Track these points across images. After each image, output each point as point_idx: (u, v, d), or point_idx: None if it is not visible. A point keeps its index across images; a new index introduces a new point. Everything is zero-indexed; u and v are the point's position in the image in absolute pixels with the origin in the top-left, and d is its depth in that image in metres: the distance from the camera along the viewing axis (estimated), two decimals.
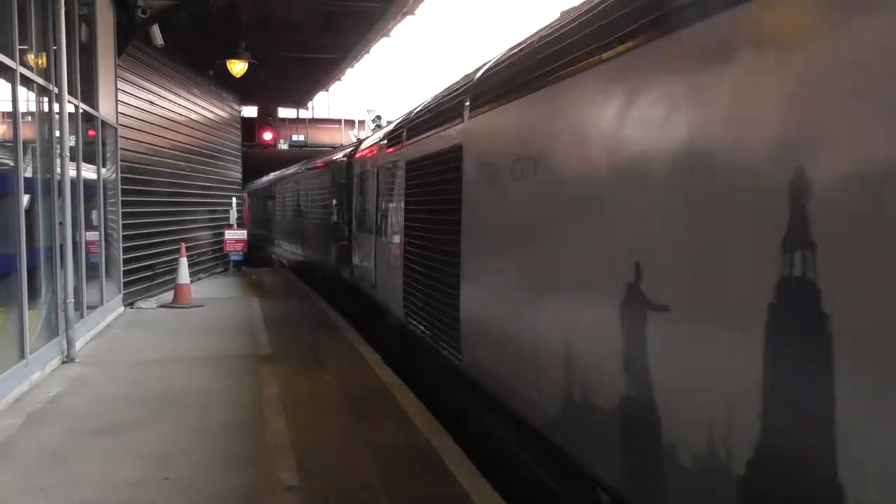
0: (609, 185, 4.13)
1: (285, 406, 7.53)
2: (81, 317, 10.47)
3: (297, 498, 5.21)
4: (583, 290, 4.46)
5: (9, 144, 8.09)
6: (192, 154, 18.66)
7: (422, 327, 8.40)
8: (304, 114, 39.71)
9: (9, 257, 7.98)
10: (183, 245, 15.88)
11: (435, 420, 7.17)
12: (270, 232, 28.59)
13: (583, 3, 5.02)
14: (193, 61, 18.62)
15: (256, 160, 30.58)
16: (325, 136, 39.39)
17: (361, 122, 40.71)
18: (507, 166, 5.66)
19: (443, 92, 8.76)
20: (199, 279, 18.77)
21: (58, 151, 9.47)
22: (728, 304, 3.11)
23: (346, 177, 14.56)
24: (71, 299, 9.64)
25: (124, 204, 13.62)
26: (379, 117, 39.19)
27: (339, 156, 16.33)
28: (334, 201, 15.65)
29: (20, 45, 8.12)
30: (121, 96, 13.48)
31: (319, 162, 19.36)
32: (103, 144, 12.47)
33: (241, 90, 23.03)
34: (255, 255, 26.50)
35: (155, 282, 15.76)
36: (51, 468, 5.81)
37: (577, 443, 4.54)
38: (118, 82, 13.32)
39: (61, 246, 9.55)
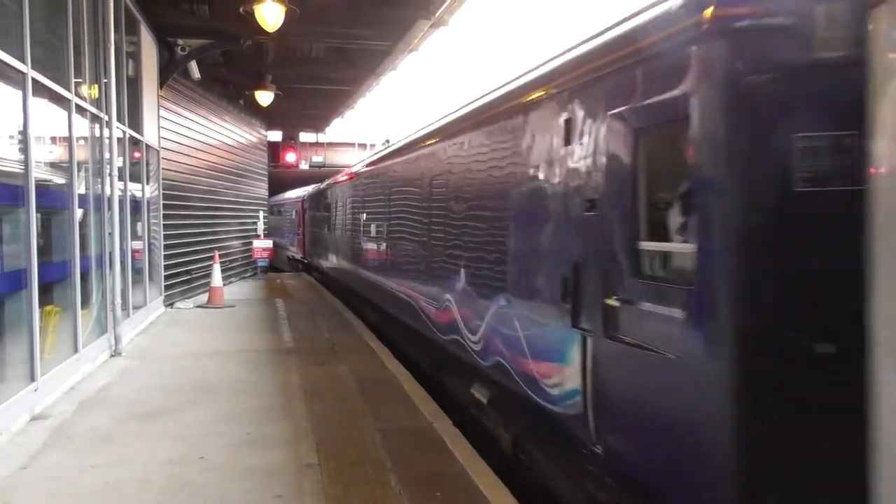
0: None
1: (305, 394, 7.53)
2: (127, 316, 10.47)
3: (315, 474, 5.21)
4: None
5: (65, 165, 8.12)
6: (224, 173, 18.68)
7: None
8: (322, 137, 39.69)
9: (64, 263, 8.00)
10: (217, 253, 15.89)
11: (437, 406, 7.17)
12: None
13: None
14: (226, 92, 18.67)
15: (280, 179, 30.68)
16: (340, 158, 39.42)
17: (373, 145, 40.87)
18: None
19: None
20: (231, 283, 18.75)
21: (107, 171, 9.49)
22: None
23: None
24: (118, 300, 9.64)
25: (165, 217, 13.64)
26: (388, 141, 39.36)
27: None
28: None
29: (75, 78, 8.17)
30: (163, 123, 13.51)
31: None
32: (147, 165, 12.50)
33: (268, 117, 23.05)
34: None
35: (192, 285, 15.76)
36: (100, 448, 5.81)
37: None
38: (160, 110, 13.36)
39: (110, 253, 9.56)
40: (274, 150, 26.67)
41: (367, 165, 13.84)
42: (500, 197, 5.73)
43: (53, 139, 8.36)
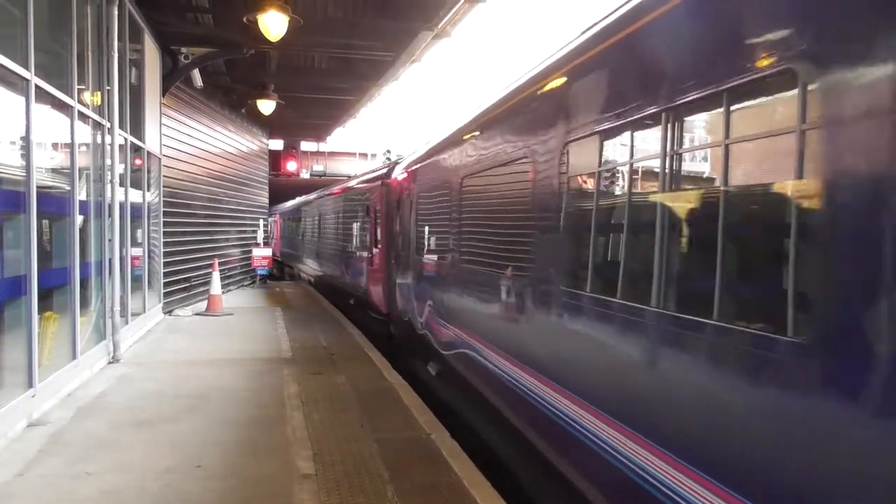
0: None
1: (303, 403, 7.52)
2: (126, 323, 10.47)
3: (312, 484, 5.21)
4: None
5: (66, 171, 8.14)
6: (225, 181, 18.71)
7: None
8: (323, 147, 39.78)
9: (64, 269, 8.00)
10: (216, 261, 15.89)
11: (435, 417, 7.16)
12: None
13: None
14: (228, 100, 18.74)
15: (281, 187, 30.72)
16: (341, 167, 39.55)
17: (374, 155, 40.95)
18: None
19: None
20: (230, 291, 18.75)
21: (108, 177, 9.51)
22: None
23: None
24: (117, 307, 9.64)
25: (165, 224, 13.66)
26: (389, 151, 39.46)
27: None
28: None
29: (78, 85, 8.20)
30: (164, 130, 13.54)
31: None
32: (148, 172, 12.52)
33: (269, 125, 23.12)
34: None
35: (191, 293, 15.76)
36: (97, 456, 5.80)
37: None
38: (162, 118, 13.39)
39: (110, 260, 9.56)
40: (275, 158, 26.71)
41: None
42: None
43: (55, 145, 8.39)
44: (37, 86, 6.69)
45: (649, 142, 3.69)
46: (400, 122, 74.51)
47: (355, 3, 13.87)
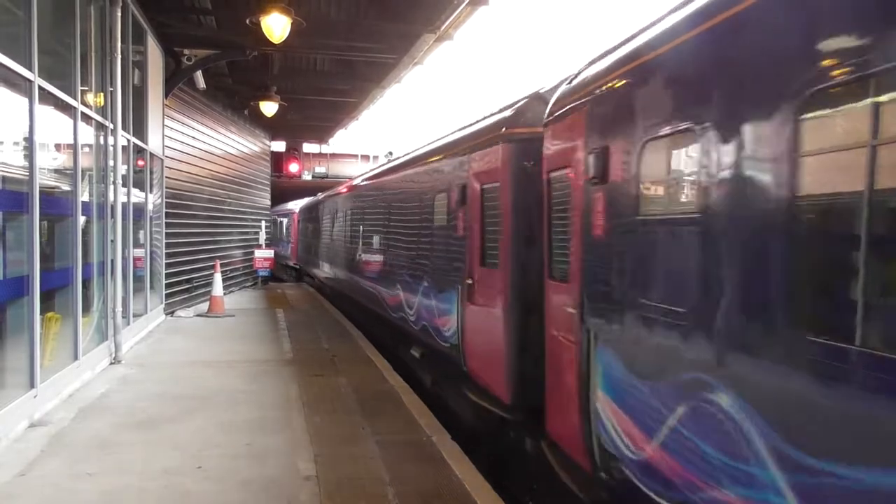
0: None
1: (304, 405, 7.52)
2: (128, 324, 10.48)
3: (313, 487, 5.20)
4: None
5: (69, 172, 8.15)
6: (227, 183, 18.73)
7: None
8: (325, 148, 39.81)
9: (66, 270, 8.02)
10: (218, 262, 15.90)
11: (436, 420, 7.16)
12: None
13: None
14: (231, 102, 18.76)
15: (283, 189, 30.77)
16: (343, 168, 39.58)
17: (376, 157, 40.97)
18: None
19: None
20: (232, 292, 18.76)
21: (111, 179, 9.53)
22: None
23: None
24: (119, 308, 9.65)
25: (168, 225, 13.68)
26: (391, 153, 39.53)
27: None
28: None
29: (81, 86, 8.21)
30: (167, 132, 13.57)
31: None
32: (151, 173, 12.54)
33: (271, 127, 23.13)
34: None
35: (192, 294, 15.76)
36: (98, 456, 5.80)
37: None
38: (165, 119, 13.42)
39: (112, 261, 9.58)
40: (277, 160, 26.75)
41: None
42: None
43: (58, 146, 8.40)
44: (40, 87, 6.70)
45: None
46: (402, 125, 74.61)
47: (358, 5, 13.91)
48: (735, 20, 3.29)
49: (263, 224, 22.00)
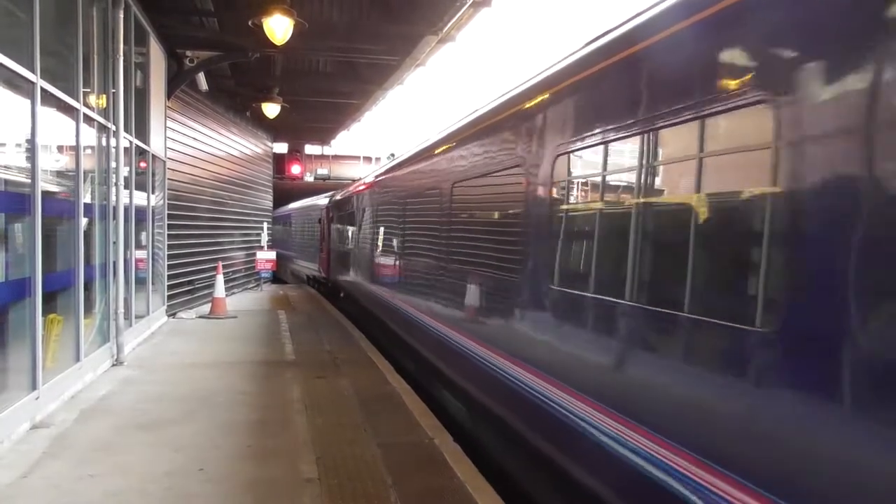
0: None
1: (306, 407, 7.52)
2: (130, 325, 10.48)
3: (315, 489, 5.20)
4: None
5: (71, 174, 8.16)
6: (229, 185, 18.75)
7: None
8: (327, 150, 39.83)
9: (68, 272, 8.02)
10: (220, 263, 15.91)
11: (438, 422, 7.15)
12: None
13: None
14: (233, 104, 18.78)
15: (285, 191, 30.80)
16: (345, 170, 39.58)
17: (378, 159, 40.98)
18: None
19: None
20: (234, 293, 18.77)
21: (113, 180, 9.54)
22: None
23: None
24: (121, 309, 9.65)
25: (170, 227, 13.69)
26: (393, 154, 39.52)
27: None
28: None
29: (84, 88, 8.22)
30: (169, 133, 13.58)
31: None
32: (153, 175, 12.55)
33: (274, 129, 23.15)
34: None
35: (195, 295, 15.77)
36: (100, 458, 5.80)
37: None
38: (167, 121, 13.43)
39: (114, 263, 9.58)
40: (279, 161, 26.77)
41: None
42: None
43: (60, 148, 8.41)
44: (42, 89, 6.71)
45: None
46: (404, 126, 74.64)
47: (360, 6, 13.92)
48: None
49: (265, 226, 22.02)
